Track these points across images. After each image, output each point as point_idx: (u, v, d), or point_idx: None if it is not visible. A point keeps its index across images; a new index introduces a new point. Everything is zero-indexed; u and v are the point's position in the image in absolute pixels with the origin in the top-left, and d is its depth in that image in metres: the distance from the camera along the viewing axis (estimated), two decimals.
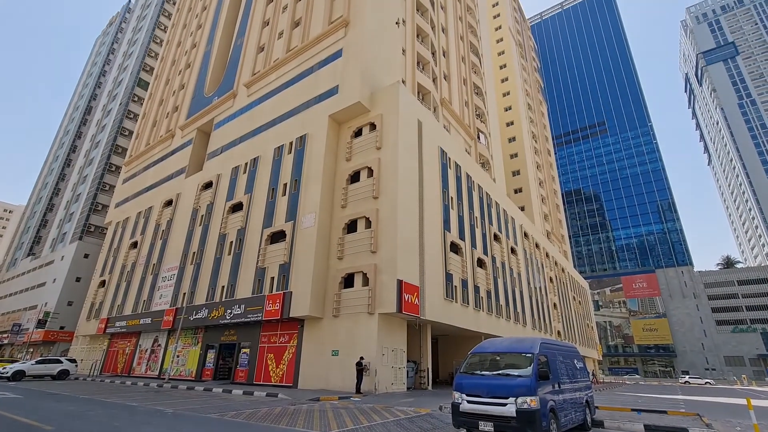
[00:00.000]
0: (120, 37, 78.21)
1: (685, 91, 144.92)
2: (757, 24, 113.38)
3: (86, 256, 47.14)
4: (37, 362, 26.15)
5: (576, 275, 60.84)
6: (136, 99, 58.31)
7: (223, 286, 25.43)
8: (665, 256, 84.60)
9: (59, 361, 27.10)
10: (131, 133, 55.46)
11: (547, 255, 46.58)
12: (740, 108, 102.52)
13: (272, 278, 22.47)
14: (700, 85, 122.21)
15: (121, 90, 61.56)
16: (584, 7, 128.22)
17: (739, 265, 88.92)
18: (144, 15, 71.42)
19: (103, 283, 38.47)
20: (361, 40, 25.24)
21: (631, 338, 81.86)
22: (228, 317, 23.37)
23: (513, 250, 35.29)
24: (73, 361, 28.32)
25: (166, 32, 63.80)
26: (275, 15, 34.99)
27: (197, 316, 25.53)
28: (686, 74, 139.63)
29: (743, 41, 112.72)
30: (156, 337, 30.11)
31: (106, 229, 46.56)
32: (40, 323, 42.49)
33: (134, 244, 36.84)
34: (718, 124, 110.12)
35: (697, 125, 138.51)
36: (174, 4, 68.16)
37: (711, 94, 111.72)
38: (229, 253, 26.17)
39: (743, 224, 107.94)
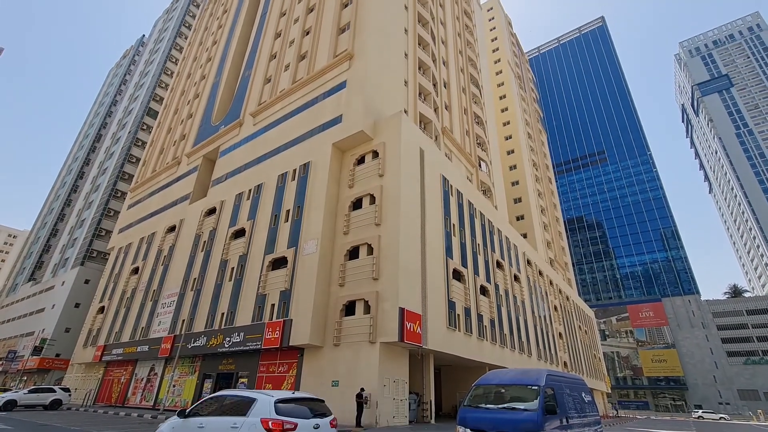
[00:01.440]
0: (132, 69, 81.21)
1: (683, 121, 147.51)
2: (749, 57, 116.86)
3: (87, 281, 46.93)
4: (30, 391, 25.52)
5: (581, 304, 59.85)
6: (144, 127, 59.83)
7: (222, 313, 25.13)
8: (671, 285, 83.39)
9: (52, 390, 26.45)
10: (138, 160, 56.54)
11: (551, 283, 46.03)
12: (738, 138, 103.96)
13: (272, 305, 22.23)
14: (697, 115, 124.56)
15: (130, 119, 63.26)
16: (580, 42, 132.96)
17: (746, 294, 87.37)
18: (156, 49, 74.45)
19: (102, 309, 38.09)
20: (365, 72, 26.13)
21: (640, 370, 79.38)
22: (227, 345, 22.95)
23: (516, 278, 34.95)
24: (66, 390, 27.64)
25: (177, 65, 66.31)
26: (282, 48, 36.42)
27: (195, 344, 25.09)
28: (682, 105, 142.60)
29: (737, 73, 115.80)
30: (153, 365, 29.47)
31: (108, 254, 46.60)
32: (36, 350, 41.77)
33: (135, 270, 36.75)
34: (716, 153, 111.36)
35: (696, 154, 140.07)
36: (186, 38, 71.18)
37: (708, 124, 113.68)
38: (230, 280, 26.03)
39: (748, 252, 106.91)
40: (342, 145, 25.01)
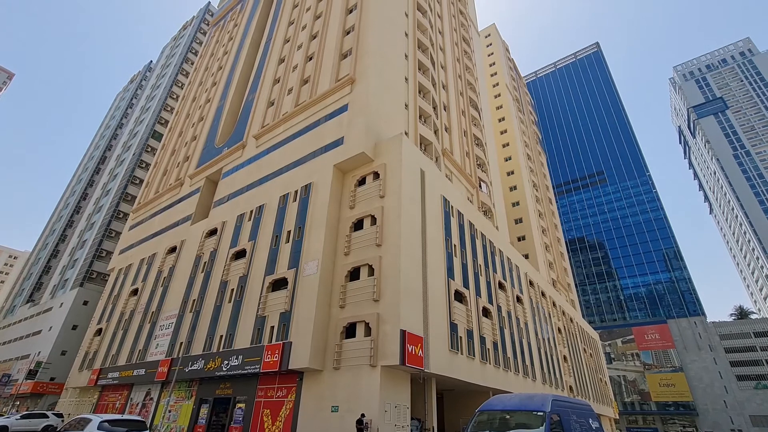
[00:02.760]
0: (139, 94, 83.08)
1: (680, 143, 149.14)
2: (742, 81, 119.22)
3: (85, 303, 46.52)
4: (23, 417, 24.94)
5: (585, 326, 58.92)
6: (149, 149, 60.69)
7: (221, 336, 24.79)
8: (676, 306, 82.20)
9: (45, 416, 25.84)
10: (142, 181, 57.08)
11: (554, 304, 45.47)
12: (736, 159, 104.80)
13: (272, 327, 21.96)
14: (694, 137, 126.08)
15: (135, 141, 64.27)
16: (576, 66, 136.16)
17: (753, 316, 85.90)
18: (163, 74, 76.43)
19: (99, 332, 37.60)
20: (366, 95, 26.73)
21: (647, 394, 77.20)
22: (225, 368, 22.53)
23: (519, 299, 34.57)
24: (59, 415, 26.99)
25: (182, 89, 67.89)
26: (286, 73, 37.38)
27: (193, 367, 24.63)
28: (679, 127, 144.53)
29: (731, 96, 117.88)
30: (149, 389, 28.84)
31: (108, 275, 46.38)
32: (31, 374, 40.96)
33: (135, 291, 36.50)
34: (715, 174, 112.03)
35: (695, 175, 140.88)
36: (192, 64, 73.15)
37: (705, 145, 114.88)
38: (230, 301, 25.81)
39: (752, 273, 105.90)
40: (343, 166, 25.29)
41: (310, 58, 36.04)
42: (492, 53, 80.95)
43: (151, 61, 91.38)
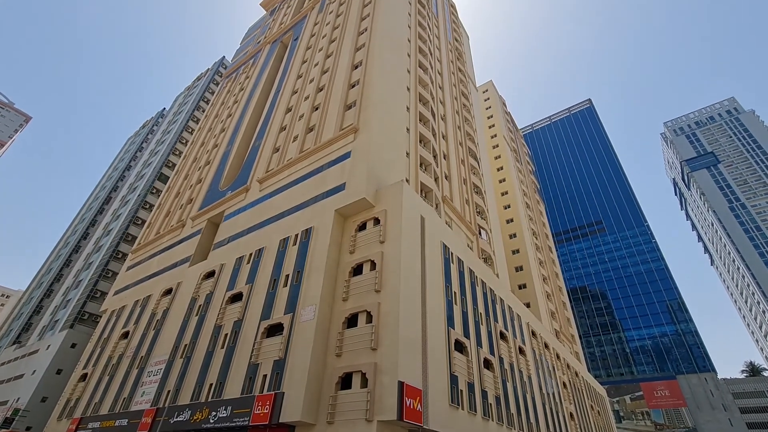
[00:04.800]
0: (150, 138, 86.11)
1: (676, 194, 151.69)
2: (731, 137, 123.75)
3: (73, 345, 44.95)
4: None
5: (591, 380, 56.39)
6: (154, 191, 61.79)
7: (211, 384, 23.73)
8: (684, 361, 79.11)
9: None
10: (144, 222, 57.49)
11: (558, 356, 43.85)
12: (732, 211, 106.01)
13: (264, 376, 21.09)
14: (689, 189, 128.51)
15: (141, 183, 65.60)
16: (570, 120, 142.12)
17: (766, 373, 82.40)
18: (175, 120, 79.74)
19: (84, 377, 35.96)
20: (368, 143, 27.77)
21: None
22: (212, 421, 21.33)
23: (521, 350, 33.43)
24: None
25: (192, 134, 70.49)
26: (292, 122, 39.06)
27: (179, 419, 23.32)
28: (673, 179, 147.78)
29: (722, 151, 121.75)
30: None
31: (100, 317, 45.27)
32: (6, 422, 38.63)
33: (125, 334, 35.42)
34: (713, 225, 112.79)
35: (693, 226, 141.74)
36: (203, 111, 76.57)
37: (701, 197, 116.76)
38: (222, 347, 25.01)
39: (760, 327, 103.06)
40: (344, 211, 25.66)
41: (316, 108, 37.83)
42: (490, 107, 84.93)
43: (164, 108, 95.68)
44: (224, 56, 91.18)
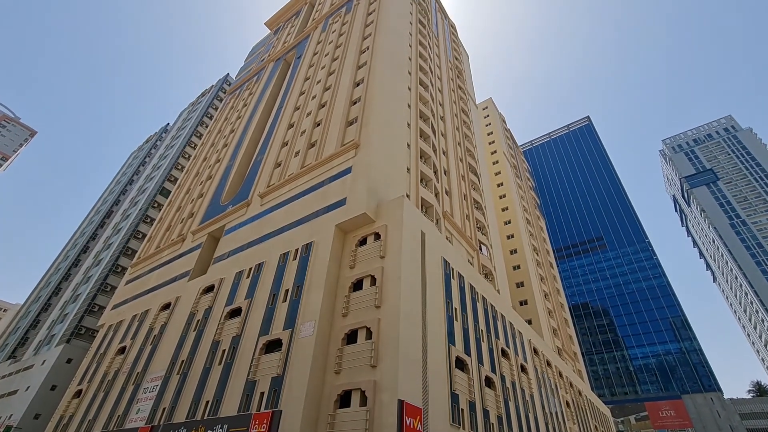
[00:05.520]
0: (153, 153, 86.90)
1: (676, 211, 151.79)
2: (730, 155, 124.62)
3: (69, 361, 44.35)
4: None
5: (595, 400, 55.29)
6: (155, 205, 62.00)
7: (207, 402, 23.32)
8: (689, 380, 77.70)
9: None
10: (145, 236, 57.50)
11: (561, 375, 43.14)
12: (733, 228, 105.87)
13: (262, 393, 20.74)
14: (689, 205, 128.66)
15: (143, 197, 65.88)
16: (569, 137, 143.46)
17: None
18: (178, 135, 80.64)
19: (78, 393, 35.35)
20: (369, 159, 28.01)
21: None
22: None
23: (523, 368, 32.92)
24: None
25: (195, 149, 71.16)
26: (294, 137, 39.49)
27: None
28: (673, 195, 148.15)
29: (720, 168, 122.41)
30: None
31: (97, 331, 44.81)
32: None
33: (122, 350, 35.00)
34: (714, 242, 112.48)
35: (694, 243, 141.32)
36: (206, 127, 77.50)
37: (701, 214, 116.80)
38: (220, 363, 24.67)
39: (765, 345, 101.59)
40: (345, 226, 25.70)
41: (318, 124, 38.31)
42: (489, 123, 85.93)
43: (168, 123, 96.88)
44: (228, 73, 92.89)
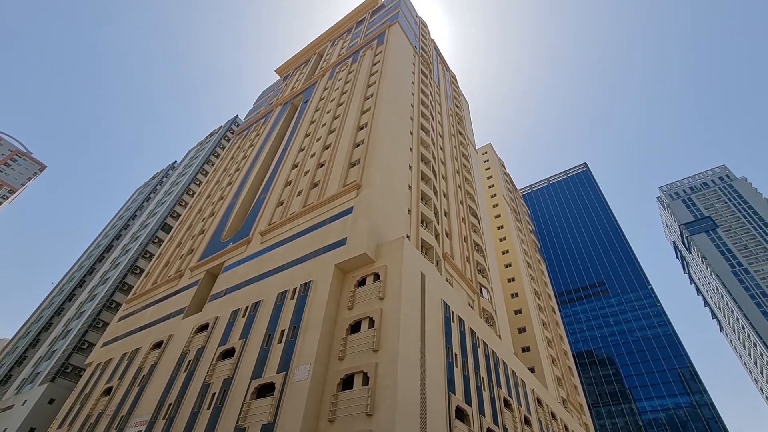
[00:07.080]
0: (158, 189, 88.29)
1: (677, 258, 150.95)
2: (727, 203, 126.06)
3: (51, 401, 42.31)
4: None
5: None
6: (156, 241, 62.03)
7: None
8: None
9: None
10: (142, 271, 57.02)
11: (567, 428, 40.91)
12: (735, 276, 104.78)
13: None
14: (690, 252, 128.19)
15: (144, 232, 66.07)
16: (568, 183, 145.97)
17: None
18: (184, 173, 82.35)
19: None
20: (371, 200, 28.45)
21: None
22: None
23: (527, 420, 31.32)
24: None
25: (199, 186, 72.39)
26: (298, 177, 40.35)
27: None
28: (674, 242, 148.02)
29: (718, 216, 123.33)
30: None
31: (84, 370, 43.19)
32: None
33: (108, 390, 33.56)
34: (718, 290, 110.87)
35: (698, 291, 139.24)
36: (212, 165, 79.33)
37: (702, 261, 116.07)
38: (209, 408, 23.59)
39: None
40: (344, 266, 25.60)
41: (322, 165, 39.28)
42: (489, 167, 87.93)
43: (176, 161, 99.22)
44: (237, 115, 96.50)
